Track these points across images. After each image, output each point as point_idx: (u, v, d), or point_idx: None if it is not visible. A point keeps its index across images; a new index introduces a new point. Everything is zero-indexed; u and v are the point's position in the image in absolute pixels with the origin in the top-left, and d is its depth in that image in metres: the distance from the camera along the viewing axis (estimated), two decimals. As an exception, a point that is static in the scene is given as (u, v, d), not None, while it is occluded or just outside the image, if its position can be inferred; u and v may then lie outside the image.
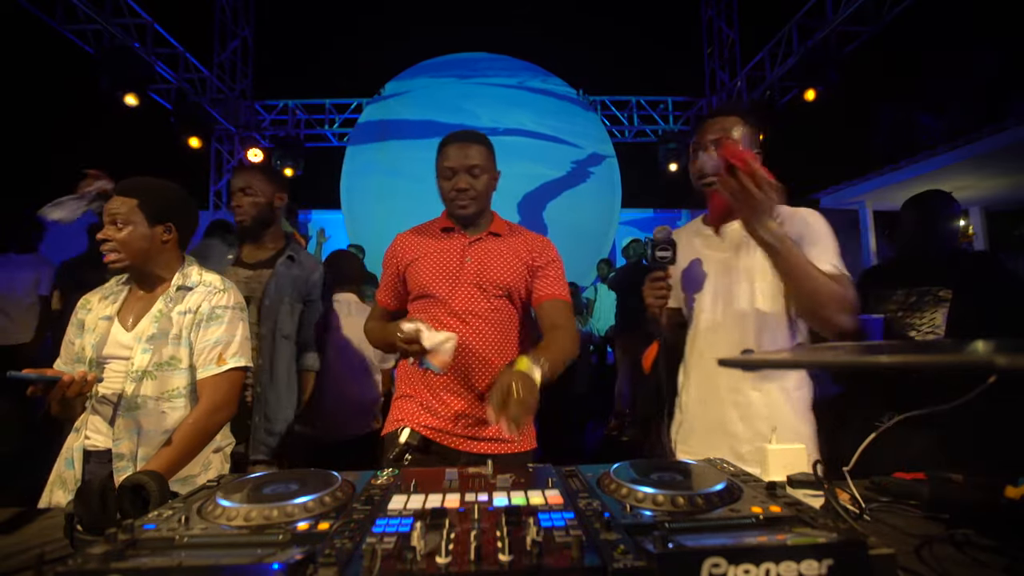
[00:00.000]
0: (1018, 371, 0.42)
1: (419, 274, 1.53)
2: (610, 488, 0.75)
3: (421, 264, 1.54)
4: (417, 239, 1.60)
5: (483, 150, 1.52)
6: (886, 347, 1.07)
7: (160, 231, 1.46)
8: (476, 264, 1.52)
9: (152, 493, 0.85)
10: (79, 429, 1.42)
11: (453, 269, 1.52)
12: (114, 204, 1.43)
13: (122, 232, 1.41)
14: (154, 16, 5.81)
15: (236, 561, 0.54)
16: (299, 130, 7.91)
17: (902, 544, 0.80)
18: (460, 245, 1.54)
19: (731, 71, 7.31)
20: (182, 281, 1.49)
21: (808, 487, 1.02)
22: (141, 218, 1.43)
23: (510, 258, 1.55)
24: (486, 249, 1.55)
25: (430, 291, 1.51)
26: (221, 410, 1.43)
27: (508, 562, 0.53)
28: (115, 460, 1.35)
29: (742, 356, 1.38)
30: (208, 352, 1.45)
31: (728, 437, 1.36)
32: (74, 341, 1.47)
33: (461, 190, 1.50)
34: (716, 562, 0.51)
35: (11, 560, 0.81)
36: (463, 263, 1.52)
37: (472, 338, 1.48)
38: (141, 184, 1.46)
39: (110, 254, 1.42)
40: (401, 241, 1.62)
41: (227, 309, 1.50)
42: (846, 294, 1.20)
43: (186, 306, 1.47)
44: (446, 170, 1.51)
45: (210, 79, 6.86)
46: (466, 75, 8.57)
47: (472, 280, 1.51)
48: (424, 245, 1.57)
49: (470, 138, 1.52)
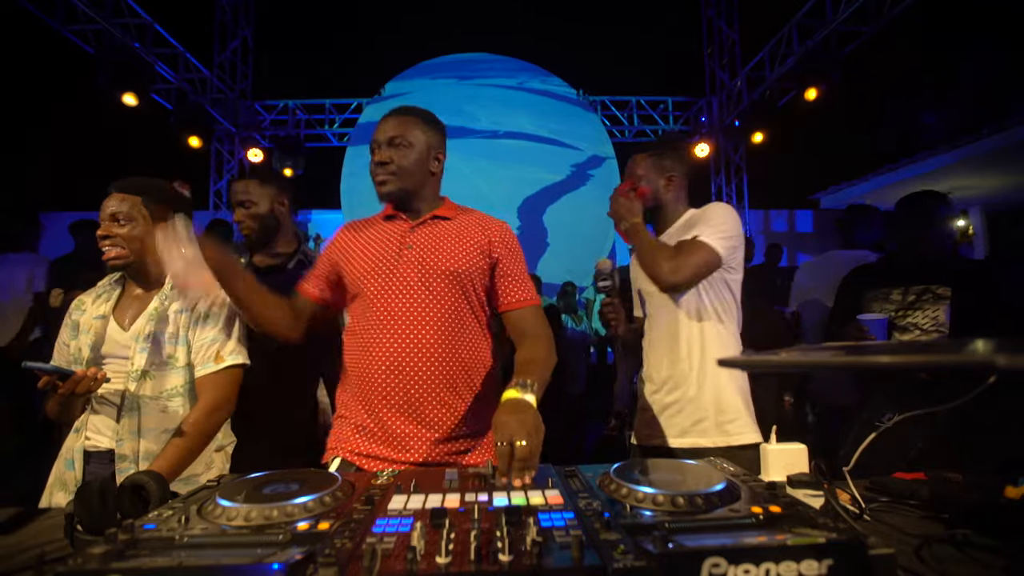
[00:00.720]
0: (1018, 371, 0.42)
1: (352, 269, 1.34)
2: (610, 488, 0.75)
3: (354, 257, 1.35)
4: (356, 229, 1.43)
5: (410, 121, 1.36)
6: (886, 347, 1.07)
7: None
8: (417, 251, 1.31)
9: (152, 493, 0.85)
10: (79, 430, 1.41)
11: (390, 260, 1.31)
12: (113, 201, 1.42)
13: (124, 228, 1.42)
14: (154, 16, 5.81)
15: (236, 561, 0.55)
16: (299, 130, 7.90)
17: (902, 544, 0.80)
18: (399, 232, 1.35)
19: (731, 71, 7.31)
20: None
21: (808, 487, 1.02)
22: (145, 215, 1.44)
23: (459, 240, 1.34)
24: (429, 233, 1.34)
25: (363, 288, 1.31)
26: (221, 408, 1.43)
27: (508, 562, 0.53)
28: (118, 461, 1.35)
29: (742, 356, 1.39)
30: (206, 350, 1.44)
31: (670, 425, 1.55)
32: (69, 343, 1.46)
33: (380, 163, 1.34)
34: (716, 562, 0.51)
35: (11, 560, 0.81)
36: (401, 252, 1.31)
37: (415, 343, 1.25)
38: (140, 182, 1.46)
39: (111, 250, 1.42)
40: (340, 232, 1.46)
41: (223, 307, 1.49)
42: (676, 252, 1.48)
43: (182, 304, 1.46)
44: (371, 144, 1.38)
45: (210, 79, 6.85)
46: (466, 76, 8.56)
47: (413, 271, 1.29)
48: (361, 236, 1.40)
49: (399, 111, 1.38)
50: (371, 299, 1.29)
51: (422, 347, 1.25)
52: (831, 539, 0.55)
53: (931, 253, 1.96)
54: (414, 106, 1.41)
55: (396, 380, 1.24)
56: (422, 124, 1.37)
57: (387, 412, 1.25)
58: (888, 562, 0.55)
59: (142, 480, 0.86)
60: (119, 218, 1.41)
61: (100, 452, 1.39)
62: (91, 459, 1.39)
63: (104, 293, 1.50)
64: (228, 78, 7.27)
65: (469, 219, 1.39)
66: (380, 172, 1.35)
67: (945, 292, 1.86)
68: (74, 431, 1.42)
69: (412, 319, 1.26)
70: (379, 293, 1.29)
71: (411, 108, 1.40)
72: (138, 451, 1.36)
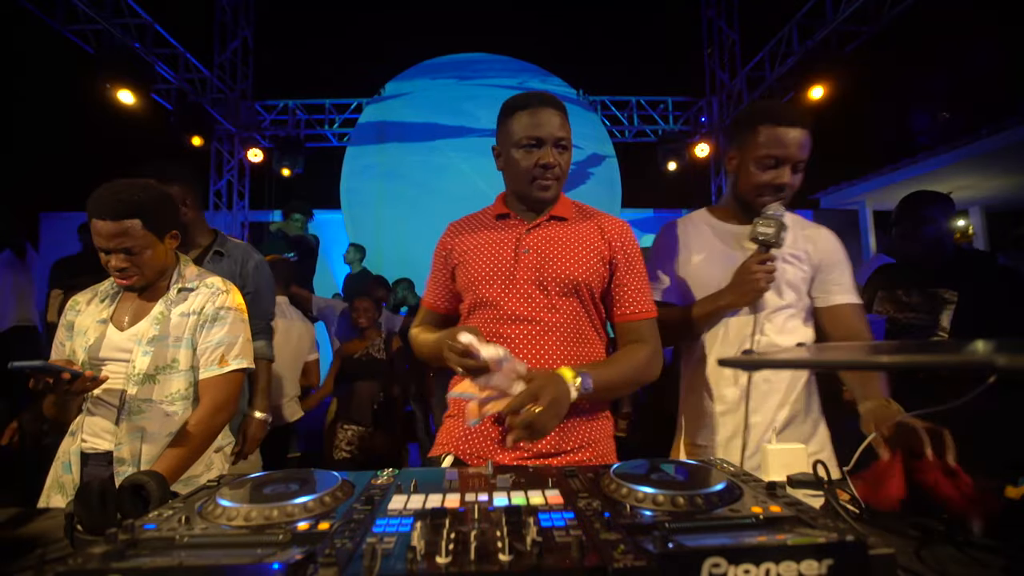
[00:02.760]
0: (1018, 371, 0.42)
1: (468, 274, 1.28)
2: (610, 488, 0.75)
3: (470, 262, 1.29)
4: (468, 231, 1.34)
5: (566, 117, 1.26)
6: (886, 347, 1.07)
7: (170, 241, 1.45)
8: (535, 256, 1.25)
9: (152, 493, 0.85)
10: (75, 432, 1.40)
11: (507, 265, 1.25)
12: (114, 230, 1.33)
13: (139, 256, 1.37)
14: (154, 16, 5.81)
15: (236, 561, 0.54)
16: (299, 130, 7.90)
17: (902, 544, 0.80)
18: (515, 235, 1.28)
19: (731, 71, 7.31)
20: (182, 283, 1.48)
21: (808, 487, 1.02)
22: (152, 238, 1.39)
23: (578, 247, 1.27)
24: (547, 237, 1.27)
25: (481, 295, 1.26)
26: (223, 410, 1.43)
27: (508, 562, 0.53)
28: (117, 464, 1.35)
29: (742, 356, 1.39)
30: (211, 353, 1.44)
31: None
32: (64, 343, 1.44)
33: (547, 166, 1.22)
34: (716, 562, 0.51)
35: (11, 560, 0.81)
36: (518, 256, 1.25)
37: (532, 349, 1.22)
38: (129, 200, 1.35)
39: (130, 279, 1.38)
40: (451, 234, 1.36)
41: (230, 311, 1.49)
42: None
43: (189, 307, 1.45)
44: (528, 140, 1.22)
45: (210, 79, 6.85)
46: (466, 76, 8.57)
47: (530, 277, 1.24)
48: (474, 238, 1.31)
49: (556, 104, 1.25)
50: (488, 306, 1.26)
51: (538, 352, 1.22)
52: (831, 539, 0.55)
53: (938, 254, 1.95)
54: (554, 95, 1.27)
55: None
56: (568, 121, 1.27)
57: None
58: (888, 562, 0.55)
59: (142, 480, 0.86)
60: (131, 249, 1.35)
61: (98, 454, 1.38)
62: (88, 461, 1.38)
63: (107, 297, 1.47)
64: (228, 78, 7.27)
65: (586, 225, 1.31)
66: (547, 176, 1.24)
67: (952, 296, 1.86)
68: (70, 434, 1.41)
69: (531, 325, 1.23)
70: (496, 300, 1.25)
71: (558, 99, 1.26)
72: (138, 454, 1.36)
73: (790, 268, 1.37)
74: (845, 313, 1.38)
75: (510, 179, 1.30)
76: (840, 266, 1.41)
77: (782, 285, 1.36)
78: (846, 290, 1.39)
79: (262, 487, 0.76)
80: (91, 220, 1.34)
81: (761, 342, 1.34)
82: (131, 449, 1.35)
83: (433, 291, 1.39)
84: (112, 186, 1.35)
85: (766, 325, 1.36)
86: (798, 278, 1.38)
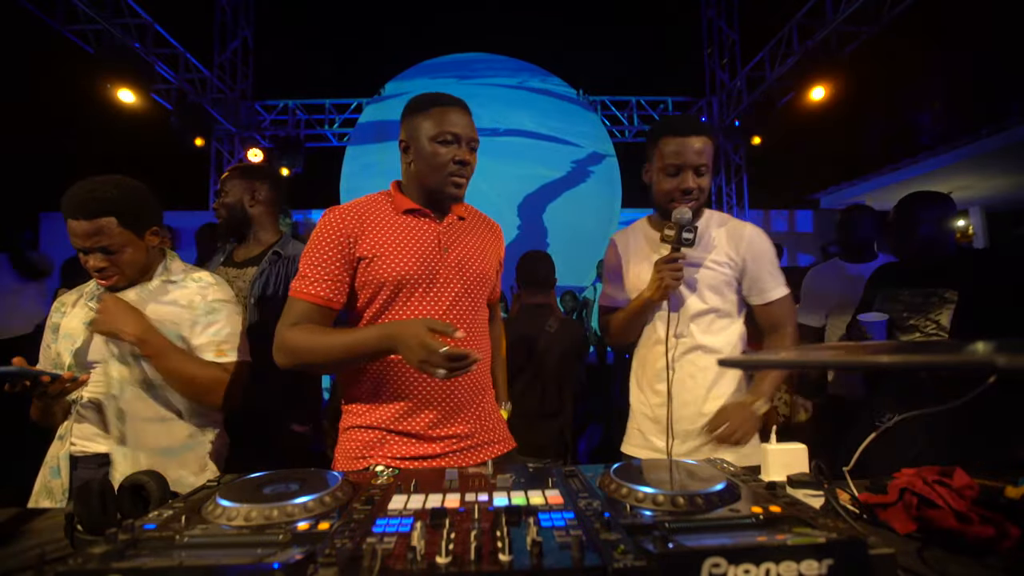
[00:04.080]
0: (1018, 371, 0.42)
1: (386, 271, 1.21)
2: (610, 488, 0.75)
3: (388, 257, 1.22)
4: (373, 222, 1.25)
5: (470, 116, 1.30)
6: (886, 347, 1.07)
7: (150, 238, 1.40)
8: (457, 255, 1.28)
9: (152, 493, 0.85)
10: (63, 437, 1.36)
11: (432, 263, 1.24)
12: (89, 229, 1.28)
13: (118, 255, 1.33)
14: (154, 16, 5.81)
15: (236, 561, 0.55)
16: (299, 130, 7.91)
17: (902, 544, 0.80)
18: (434, 232, 1.28)
19: (731, 71, 7.31)
20: (166, 276, 1.44)
21: (808, 487, 1.02)
22: (129, 235, 1.34)
23: (482, 245, 1.36)
24: (459, 237, 1.32)
25: (404, 289, 1.22)
26: (216, 391, 1.38)
27: (508, 562, 0.53)
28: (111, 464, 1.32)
29: (742, 356, 1.40)
30: (207, 345, 1.41)
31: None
32: (50, 346, 1.41)
33: (464, 163, 1.24)
34: (716, 562, 0.51)
35: (11, 560, 0.81)
36: (442, 254, 1.27)
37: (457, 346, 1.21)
38: (103, 197, 1.30)
39: (110, 280, 1.36)
40: (350, 221, 1.24)
41: (223, 303, 1.46)
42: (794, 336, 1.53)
43: (173, 298, 1.41)
44: (446, 134, 1.23)
45: (210, 79, 6.85)
46: (466, 76, 8.57)
47: (453, 276, 1.26)
48: (389, 228, 1.25)
49: (464, 104, 1.29)
50: (414, 302, 1.23)
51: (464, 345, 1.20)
52: (831, 539, 0.55)
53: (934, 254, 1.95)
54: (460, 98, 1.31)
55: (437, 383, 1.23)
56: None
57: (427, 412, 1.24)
58: (888, 562, 0.55)
59: (142, 480, 0.86)
60: (108, 248, 1.31)
61: (87, 457, 1.35)
62: (78, 464, 1.35)
63: (93, 299, 1.43)
64: (228, 78, 7.28)
65: (478, 221, 1.41)
66: (462, 174, 1.26)
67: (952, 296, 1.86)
68: (58, 438, 1.38)
69: (455, 320, 1.25)
70: (424, 296, 1.24)
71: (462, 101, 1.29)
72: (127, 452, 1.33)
73: (711, 273, 1.48)
74: (776, 307, 1.51)
75: (421, 173, 1.27)
76: (766, 263, 1.50)
77: (704, 290, 1.48)
78: (776, 284, 1.50)
79: (262, 487, 0.76)
80: (66, 220, 1.29)
81: (681, 343, 1.48)
82: (123, 450, 1.33)
83: (326, 283, 1.21)
84: (84, 184, 1.30)
85: (691, 326, 1.48)
86: (720, 281, 1.48)
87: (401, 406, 1.24)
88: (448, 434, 1.26)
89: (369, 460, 1.23)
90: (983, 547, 0.76)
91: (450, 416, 1.26)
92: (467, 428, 1.28)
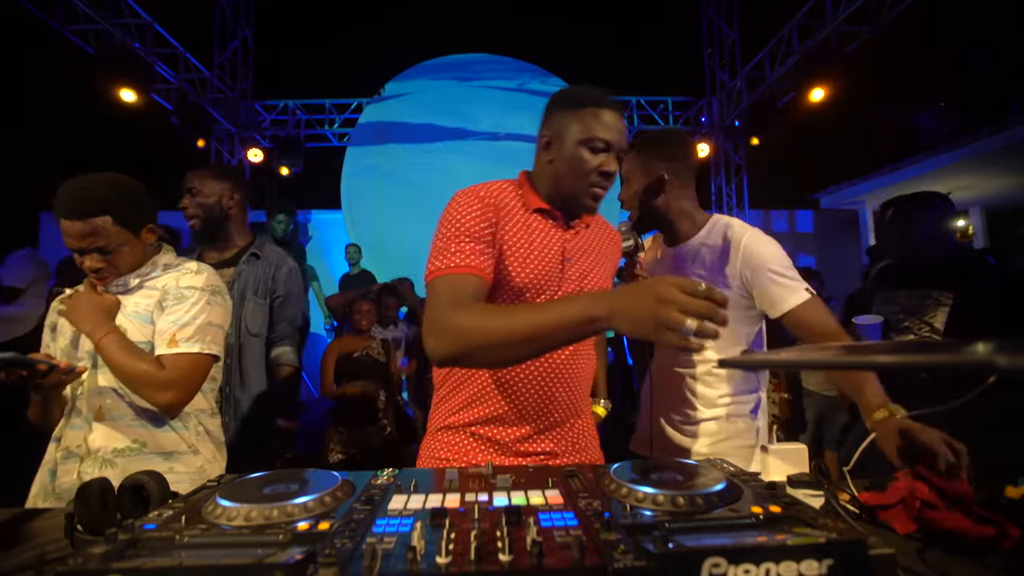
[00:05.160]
0: (1018, 371, 0.42)
1: (513, 271, 1.13)
2: (610, 488, 0.75)
3: (517, 257, 1.13)
4: (508, 214, 1.16)
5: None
6: (886, 347, 1.07)
7: (146, 235, 1.37)
8: (577, 267, 1.19)
9: (152, 493, 0.85)
10: (59, 439, 1.34)
11: (554, 273, 1.16)
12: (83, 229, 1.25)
13: (114, 254, 1.31)
14: (154, 16, 5.81)
15: (236, 561, 0.54)
16: (299, 130, 7.90)
17: (902, 544, 0.80)
18: (559, 239, 1.18)
19: (731, 71, 7.31)
20: (149, 270, 1.40)
21: (808, 487, 1.02)
22: (126, 235, 1.31)
23: (603, 258, 1.26)
24: (584, 245, 1.22)
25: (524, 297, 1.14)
26: (167, 388, 1.28)
27: (508, 562, 0.53)
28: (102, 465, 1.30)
29: (742, 356, 1.39)
30: (164, 332, 1.33)
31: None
32: (49, 345, 1.40)
33: (608, 174, 1.14)
34: (716, 562, 0.51)
35: (11, 560, 0.81)
36: (564, 265, 1.17)
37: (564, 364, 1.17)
38: (96, 195, 1.27)
39: (106, 280, 1.34)
40: (491, 202, 1.14)
41: (195, 290, 1.37)
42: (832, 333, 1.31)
43: (149, 284, 1.37)
44: (597, 140, 1.11)
45: (210, 79, 6.85)
46: (466, 77, 8.56)
47: (574, 288, 1.18)
48: (519, 230, 1.16)
49: (620, 110, 1.17)
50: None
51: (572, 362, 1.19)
52: (831, 539, 0.55)
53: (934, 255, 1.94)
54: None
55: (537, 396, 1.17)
56: None
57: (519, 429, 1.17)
58: (888, 562, 0.55)
59: (142, 480, 0.86)
60: (104, 248, 1.29)
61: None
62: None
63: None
64: (228, 78, 7.27)
65: (601, 230, 1.32)
66: (605, 185, 1.16)
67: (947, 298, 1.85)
68: (54, 440, 1.35)
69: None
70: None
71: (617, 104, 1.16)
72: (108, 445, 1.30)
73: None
74: (801, 313, 1.30)
75: (560, 175, 1.16)
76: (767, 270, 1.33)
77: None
78: (790, 291, 1.31)
79: (262, 487, 0.76)
80: (58, 220, 1.26)
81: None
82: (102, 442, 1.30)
83: (481, 258, 1.08)
84: (77, 182, 1.26)
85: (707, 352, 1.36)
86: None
87: (495, 415, 1.17)
88: (537, 451, 1.18)
89: (452, 463, 1.16)
90: (983, 547, 0.76)
91: (542, 432, 1.19)
92: (557, 447, 1.21)
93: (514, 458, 1.17)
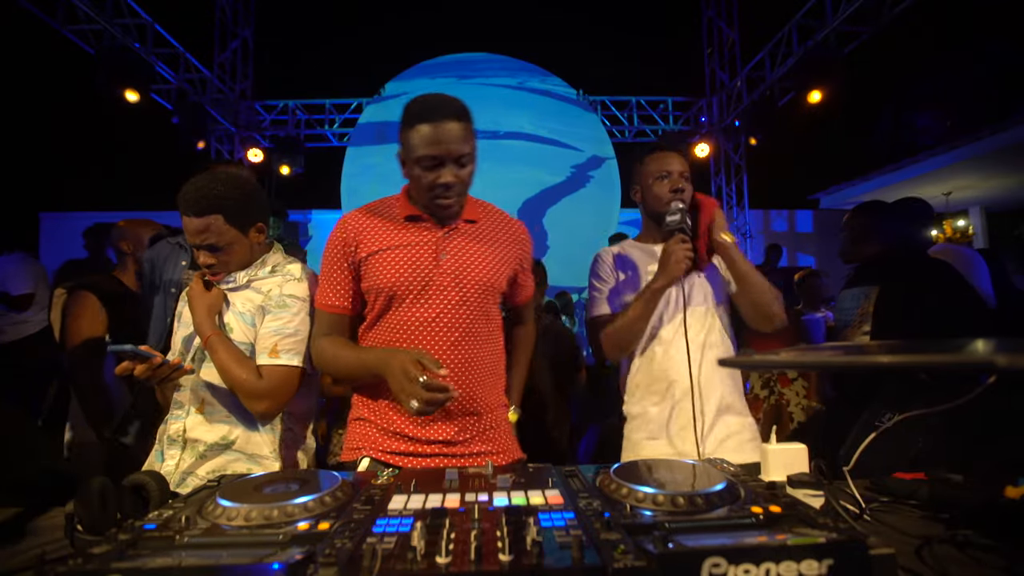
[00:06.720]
0: (1018, 371, 0.42)
1: (382, 271, 1.23)
2: (610, 488, 0.75)
3: (391, 257, 1.24)
4: (377, 225, 1.28)
5: (466, 128, 1.19)
6: (886, 347, 1.07)
7: (255, 235, 1.39)
8: (454, 262, 1.25)
9: (152, 493, 0.85)
10: (168, 421, 1.40)
11: (426, 269, 1.23)
12: (198, 225, 1.30)
13: (224, 252, 1.34)
14: (154, 16, 5.81)
15: (236, 561, 0.55)
16: (299, 130, 7.90)
17: (902, 544, 0.80)
18: (431, 239, 1.26)
19: (731, 71, 7.31)
20: (258, 269, 1.42)
21: (808, 487, 1.02)
22: (235, 233, 1.34)
23: (491, 250, 1.31)
24: (462, 244, 1.28)
25: (397, 295, 1.23)
26: (263, 398, 1.31)
27: (508, 562, 0.53)
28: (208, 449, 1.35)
29: (742, 356, 1.40)
30: (266, 339, 1.35)
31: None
32: (175, 333, 1.44)
33: (448, 186, 1.19)
34: (716, 562, 0.51)
35: (11, 560, 0.81)
36: (438, 260, 1.25)
37: (448, 353, 1.23)
38: (209, 194, 1.31)
39: (217, 277, 1.38)
40: (355, 224, 1.28)
41: (296, 300, 1.38)
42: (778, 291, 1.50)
43: (255, 286, 1.40)
44: (425, 159, 1.17)
45: (210, 79, 6.85)
46: (466, 76, 8.56)
47: (450, 283, 1.24)
48: (387, 234, 1.26)
49: (449, 113, 1.16)
50: (405, 308, 1.24)
51: (457, 352, 1.24)
52: (831, 539, 0.55)
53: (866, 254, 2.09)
54: (456, 100, 1.20)
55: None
56: (471, 126, 1.22)
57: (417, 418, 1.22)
58: (888, 562, 0.55)
59: (142, 480, 0.86)
60: (216, 246, 1.33)
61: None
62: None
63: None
64: (228, 78, 7.27)
65: (492, 224, 1.36)
66: (447, 195, 1.21)
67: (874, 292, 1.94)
68: (165, 422, 1.41)
69: (447, 330, 1.23)
70: (415, 303, 1.23)
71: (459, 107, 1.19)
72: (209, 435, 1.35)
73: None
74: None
75: (413, 189, 1.27)
76: None
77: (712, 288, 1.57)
78: None
79: (262, 487, 0.76)
80: (181, 216, 1.33)
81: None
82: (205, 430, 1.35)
83: (336, 291, 1.29)
84: (197, 180, 1.32)
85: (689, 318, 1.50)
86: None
87: (392, 406, 1.26)
88: (435, 438, 1.24)
89: (362, 452, 1.27)
90: None
91: (437, 420, 1.24)
92: (458, 435, 1.26)
93: (417, 444, 1.24)
